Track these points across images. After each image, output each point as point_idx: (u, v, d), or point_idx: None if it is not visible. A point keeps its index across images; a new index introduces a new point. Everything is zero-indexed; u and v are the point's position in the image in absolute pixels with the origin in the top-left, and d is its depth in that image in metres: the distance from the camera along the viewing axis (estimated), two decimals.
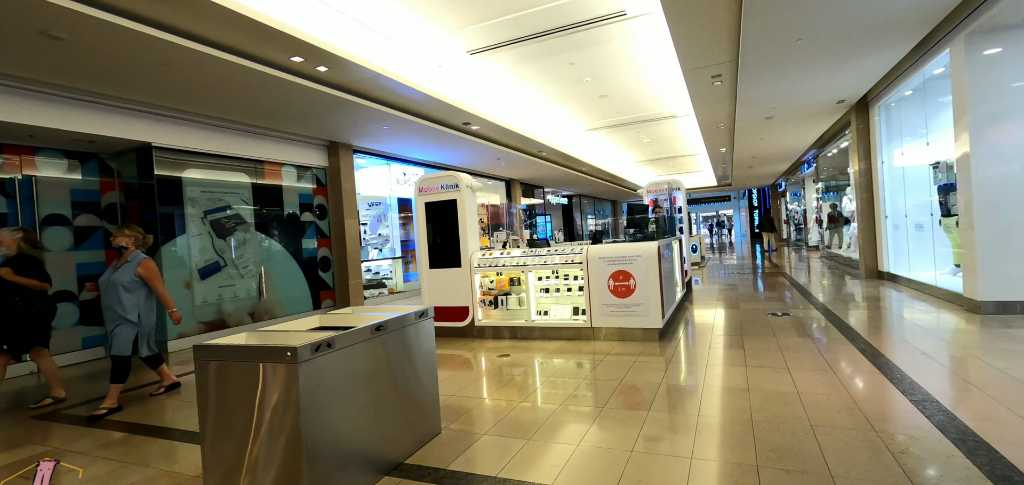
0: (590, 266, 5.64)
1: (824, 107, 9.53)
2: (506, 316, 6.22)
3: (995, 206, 5.54)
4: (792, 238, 23.65)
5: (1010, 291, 5.51)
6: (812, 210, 18.08)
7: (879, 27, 5.80)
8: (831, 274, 10.63)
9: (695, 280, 11.34)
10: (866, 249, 9.36)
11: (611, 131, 13.87)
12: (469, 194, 6.40)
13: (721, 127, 11.38)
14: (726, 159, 16.78)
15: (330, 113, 7.75)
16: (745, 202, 35.03)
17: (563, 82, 9.31)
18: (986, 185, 5.57)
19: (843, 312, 6.37)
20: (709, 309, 7.29)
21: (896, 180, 8.72)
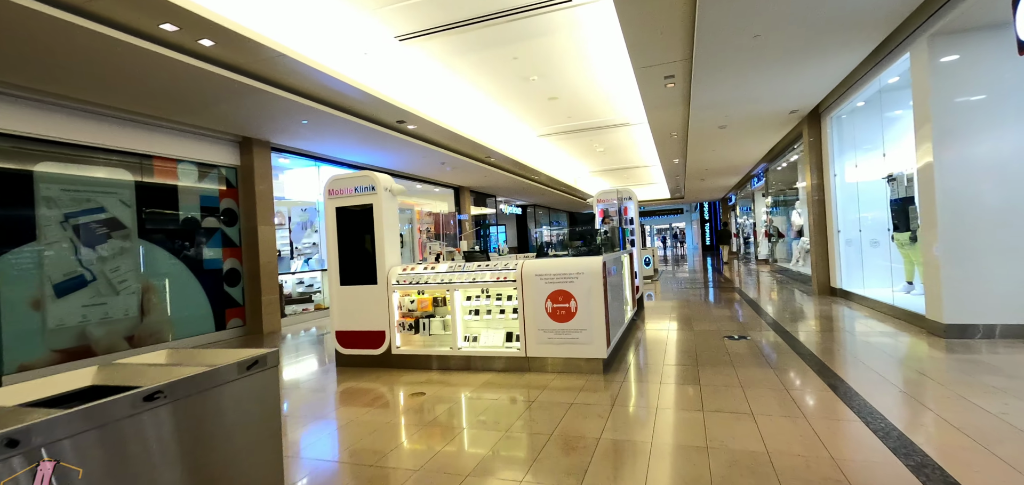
0: (525, 285, 4.81)
1: (777, 117, 9.21)
2: (428, 342, 5.28)
3: (961, 224, 5.13)
4: (742, 252, 23.90)
5: (975, 314, 5.09)
6: (761, 224, 18.14)
7: (840, 23, 5.33)
8: (783, 290, 10.30)
9: (648, 295, 10.77)
10: (818, 265, 9.05)
11: (563, 138, 13.25)
12: (388, 198, 5.45)
13: (674, 136, 10.94)
14: (679, 171, 16.53)
15: (233, 102, 6.61)
16: (697, 215, 35.54)
17: (508, 80, 8.53)
18: (951, 201, 5.16)
19: (803, 336, 5.82)
20: (661, 330, 6.62)
21: (849, 194, 8.43)
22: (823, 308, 7.64)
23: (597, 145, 14.34)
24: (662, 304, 9.13)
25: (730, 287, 11.55)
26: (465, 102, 9.53)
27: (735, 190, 23.32)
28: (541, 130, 12.29)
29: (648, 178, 21.82)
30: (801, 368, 4.44)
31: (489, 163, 13.15)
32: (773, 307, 8.08)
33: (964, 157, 5.13)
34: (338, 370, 5.40)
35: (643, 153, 15.65)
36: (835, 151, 8.55)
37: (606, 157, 16.44)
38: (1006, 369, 4.04)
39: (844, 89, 7.51)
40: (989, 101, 5.06)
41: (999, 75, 5.03)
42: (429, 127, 9.07)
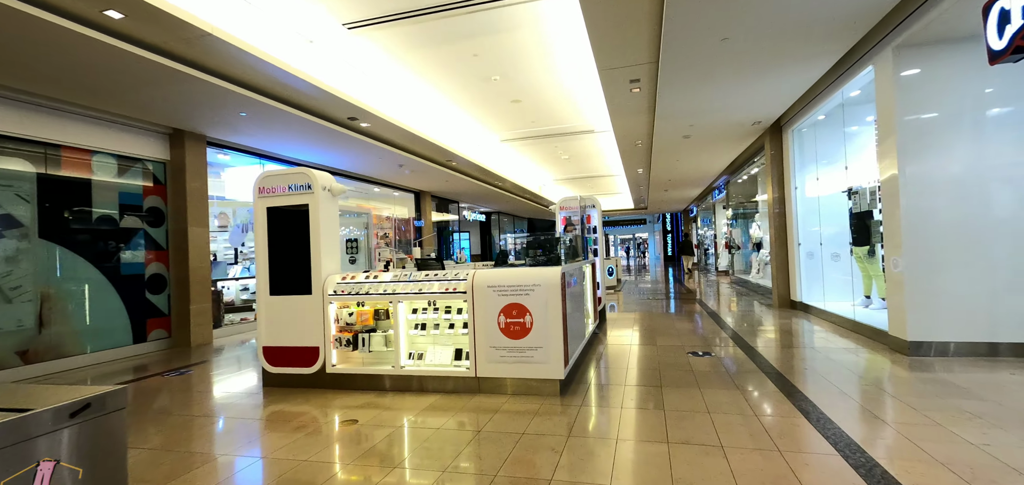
0: (476, 298, 4.34)
1: (740, 128, 9.12)
2: (368, 360, 4.73)
3: (924, 239, 5.01)
4: (703, 262, 24.20)
5: (937, 331, 4.97)
6: (722, 236, 18.32)
7: (807, 29, 5.15)
8: (743, 302, 10.22)
9: (611, 306, 10.49)
10: (779, 277, 8.98)
11: (527, 144, 12.90)
12: (327, 199, 4.88)
13: (639, 145, 10.75)
14: (643, 181, 16.48)
15: (159, 89, 5.90)
16: (660, 226, 36.01)
17: (468, 79, 8.09)
18: (915, 215, 5.03)
19: (767, 353, 5.58)
20: (623, 344, 6.28)
21: (809, 207, 8.39)
22: (784, 322, 7.50)
23: (562, 152, 14.08)
24: (625, 316, 8.84)
25: (692, 299, 11.43)
26: (424, 101, 9.02)
27: (696, 202, 23.62)
28: (504, 135, 11.90)
29: (613, 188, 21.82)
30: (769, 390, 4.15)
31: (450, 167, 12.65)
32: (735, 320, 7.90)
33: (927, 171, 5.02)
34: (265, 391, 4.77)
35: (608, 162, 15.52)
36: (796, 164, 8.51)
37: (571, 165, 16.22)
38: (975, 390, 3.86)
39: (806, 102, 7.45)
40: (951, 116, 4.98)
41: (961, 90, 4.95)
42: (385, 126, 8.51)
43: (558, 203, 8.58)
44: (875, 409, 3.59)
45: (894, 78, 5.07)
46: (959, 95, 4.96)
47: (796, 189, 8.51)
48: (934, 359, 4.85)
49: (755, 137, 9.79)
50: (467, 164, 12.27)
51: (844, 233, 7.64)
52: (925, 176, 5.01)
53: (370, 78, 7.57)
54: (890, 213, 5.25)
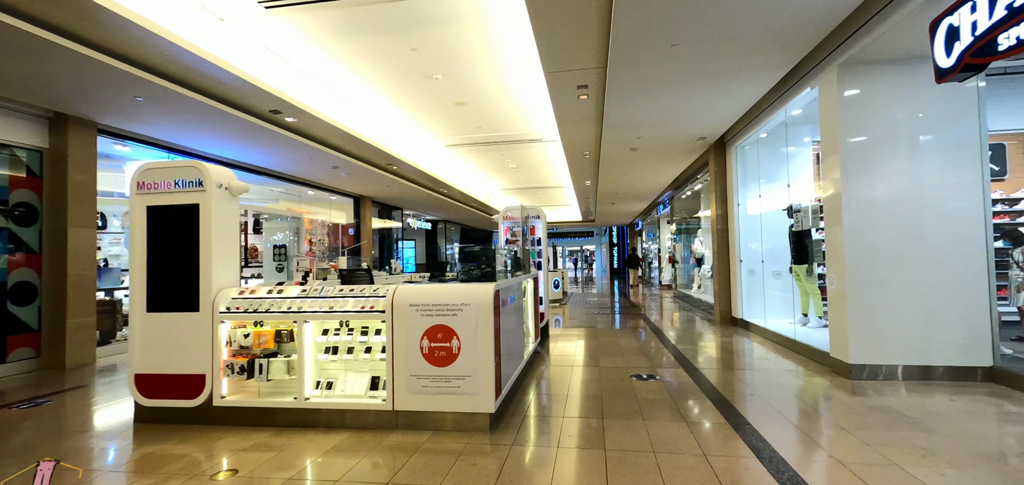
0: (396, 318, 3.74)
1: (686, 143, 9.04)
2: (267, 391, 4.00)
3: (867, 260, 4.91)
4: (646, 276, 24.55)
5: (879, 354, 4.87)
6: (665, 250, 18.56)
7: (758, 40, 4.96)
8: (686, 318, 10.14)
9: (555, 320, 10.11)
10: (721, 294, 8.92)
11: (473, 151, 12.38)
12: (223, 198, 4.13)
13: (587, 156, 10.50)
14: (591, 193, 16.39)
15: (30, 62, 4.92)
16: (606, 239, 36.49)
17: (408, 76, 7.48)
18: (857, 235, 4.93)
19: (713, 376, 5.32)
20: (565, 365, 5.85)
21: (752, 225, 8.38)
22: (727, 340, 7.36)
23: (509, 161, 13.67)
24: (569, 332, 8.46)
25: (636, 313, 11.27)
26: (359, 98, 8.31)
27: (642, 216, 23.97)
28: (449, 140, 11.32)
29: (561, 200, 21.70)
30: (718, 423, 3.81)
31: (391, 171, 11.92)
32: (679, 338, 7.70)
33: (870, 192, 4.94)
34: (136, 428, 3.93)
35: (557, 173, 15.27)
36: (739, 181, 8.50)
37: (519, 175, 15.86)
38: (923, 420, 3.69)
39: (750, 119, 7.40)
40: (892, 137, 4.93)
41: (902, 111, 4.92)
42: (315, 123, 7.73)
43: (501, 212, 8.11)
44: (828, 446, 3.31)
45: (838, 96, 4.98)
46: (900, 116, 4.92)
47: (738, 206, 8.49)
48: (875, 383, 4.73)
49: (700, 153, 9.78)
50: (409, 169, 11.59)
51: (785, 251, 7.63)
52: (867, 197, 4.93)
53: (296, 68, 6.81)
54: (833, 233, 5.14)
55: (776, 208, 7.77)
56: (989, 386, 4.52)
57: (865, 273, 4.89)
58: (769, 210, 7.88)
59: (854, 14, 4.47)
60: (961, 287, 4.72)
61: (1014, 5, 2.97)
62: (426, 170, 11.96)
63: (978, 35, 3.23)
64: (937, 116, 4.85)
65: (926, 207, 4.83)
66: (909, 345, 4.81)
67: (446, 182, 13.68)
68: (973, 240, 4.72)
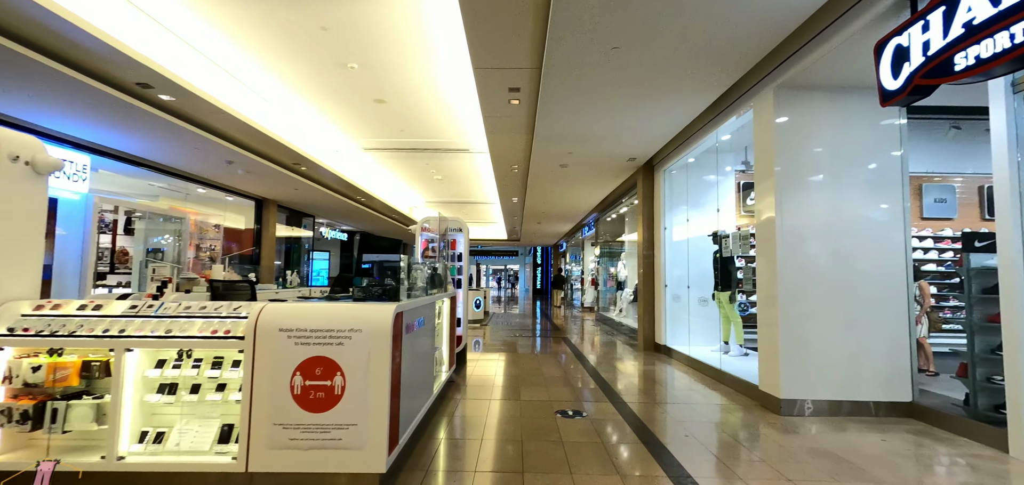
0: (260, 346, 2.81)
1: (616, 163, 8.79)
2: (60, 447, 2.87)
3: (800, 290, 4.70)
4: (569, 297, 24.56)
5: (810, 388, 4.64)
6: (589, 272, 18.55)
7: (698, 56, 4.65)
8: (609, 344, 9.82)
9: (475, 342, 9.36)
10: (645, 319, 8.68)
11: (394, 157, 11.40)
12: (17, 176, 2.97)
13: (515, 170, 9.97)
14: (518, 211, 15.95)
15: None
16: (531, 259, 36.46)
17: (317, 62, 6.47)
18: (791, 264, 4.72)
19: (643, 412, 4.83)
20: (482, 398, 5.11)
21: (678, 250, 8.23)
22: (653, 368, 7.02)
23: (434, 172, 12.82)
24: (489, 356, 7.74)
25: (559, 336, 10.81)
26: (259, 82, 7.14)
27: (567, 237, 24.03)
28: (366, 141, 10.28)
29: (488, 217, 21.12)
30: (655, 476, 3.25)
31: (300, 173, 10.63)
32: (603, 365, 7.25)
33: (802, 220, 4.76)
34: None
35: (484, 188, 14.64)
36: (667, 205, 8.35)
37: (444, 187, 15.02)
38: (868, 468, 3.38)
39: (680, 142, 7.24)
40: (826, 165, 4.81)
41: (835, 140, 4.82)
42: (200, 105, 6.46)
43: (419, 223, 7.27)
44: None
45: (773, 120, 4.79)
46: (831, 145, 4.81)
47: (665, 230, 8.33)
48: (806, 420, 4.47)
49: (629, 174, 9.60)
50: (321, 171, 10.38)
51: (711, 277, 7.50)
52: (800, 224, 4.75)
53: (174, 37, 5.60)
54: (765, 261, 4.90)
55: (702, 233, 7.66)
56: (911, 422, 4.41)
57: (797, 304, 4.68)
58: (696, 235, 7.76)
59: (796, 33, 4.28)
60: (885, 321, 4.64)
61: (973, 23, 2.76)
62: (341, 174, 10.81)
63: (931, 55, 3.01)
64: (864, 149, 4.80)
65: (854, 238, 4.73)
66: (838, 379, 4.63)
67: (364, 189, 12.54)
68: (895, 274, 4.67)
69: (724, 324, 7.47)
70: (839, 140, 4.80)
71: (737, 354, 7.11)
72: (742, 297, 7.52)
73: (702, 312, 7.71)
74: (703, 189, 7.92)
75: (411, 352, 3.52)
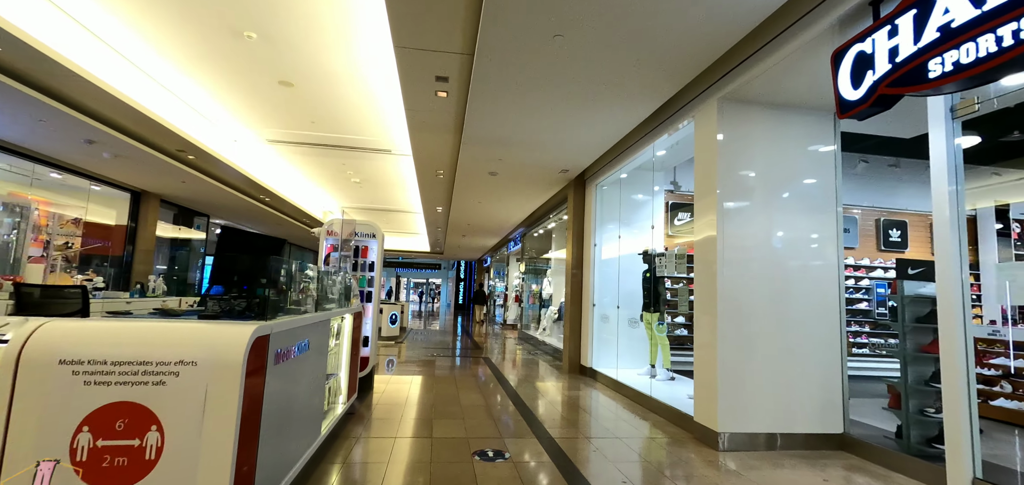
0: (25, 387, 1.81)
1: (548, 174, 8.31)
2: None
3: (740, 313, 4.38)
4: (491, 313, 23.92)
5: (746, 420, 4.31)
6: (513, 289, 18.05)
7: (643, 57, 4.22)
8: (532, 363, 9.26)
9: (388, 362, 8.36)
10: (571, 339, 8.21)
11: (304, 153, 10.12)
12: None
13: (441, 176, 9.19)
14: (442, 222, 15.10)
15: None
16: (454, 273, 35.45)
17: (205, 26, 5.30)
18: (732, 286, 4.40)
19: (572, 448, 4.23)
20: (387, 434, 4.24)
21: (609, 268, 7.88)
22: (579, 394, 6.50)
23: (352, 173, 11.63)
24: (402, 378, 6.82)
25: (480, 355, 10.08)
26: (129, 46, 5.78)
27: (492, 252, 23.48)
28: (270, 132, 8.98)
29: (411, 227, 19.96)
30: None
31: (187, 163, 9.06)
32: (527, 390, 6.63)
33: (744, 239, 4.47)
34: None
35: (408, 195, 13.62)
36: (598, 221, 7.99)
37: (363, 192, 13.77)
38: None
39: (615, 155, 6.89)
40: (765, 184, 4.57)
41: (776, 159, 4.61)
42: (40, 61, 5.03)
43: (324, 225, 6.25)
44: None
45: (717, 132, 4.49)
46: (772, 165, 4.60)
47: (595, 247, 7.95)
48: (743, 455, 4.11)
49: (560, 187, 9.18)
50: (215, 163, 8.91)
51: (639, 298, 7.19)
52: (741, 244, 4.45)
53: None
54: (705, 282, 4.55)
55: (633, 252, 7.36)
56: (844, 456, 4.20)
57: (737, 330, 4.35)
58: (627, 253, 7.45)
59: (748, 38, 3.98)
60: (818, 349, 4.44)
61: (950, 26, 2.49)
62: (240, 167, 9.38)
63: (900, 61, 2.73)
64: (801, 170, 4.64)
65: (791, 262, 4.52)
66: (773, 410, 4.34)
67: (269, 188, 11.07)
68: (829, 301, 4.51)
69: (652, 347, 7.18)
70: (778, 159, 4.60)
71: (663, 378, 6.81)
72: (669, 318, 7.29)
73: (630, 334, 7.38)
74: (635, 206, 7.66)
75: (285, 385, 2.62)
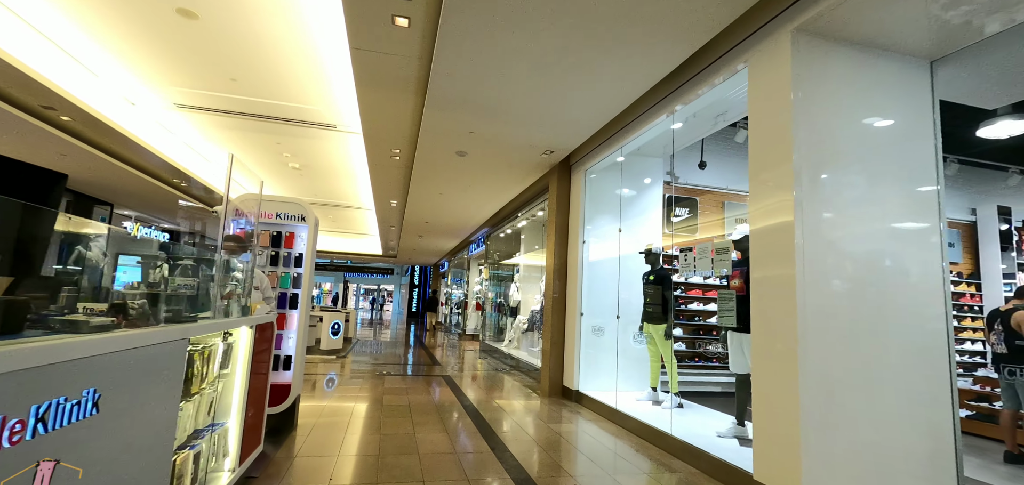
0: None
1: (528, 157, 6.83)
2: None
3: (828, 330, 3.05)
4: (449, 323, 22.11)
5: (834, 479, 2.98)
6: (473, 295, 16.42)
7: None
8: (502, 384, 7.72)
9: (328, 381, 6.58)
10: (552, 354, 6.74)
11: (226, 125, 8.11)
12: None
13: (397, 157, 7.52)
14: (396, 220, 13.30)
15: None
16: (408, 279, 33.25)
17: None
18: (816, 291, 3.06)
19: None
20: None
21: (600, 270, 6.50)
22: (571, 430, 5.03)
23: (290, 156, 9.66)
24: (339, 410, 5.09)
25: (439, 374, 8.43)
26: None
27: (450, 256, 21.74)
28: (179, 94, 6.98)
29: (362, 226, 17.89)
30: None
31: (60, 126, 6.90)
32: (503, 424, 5.08)
33: (828, 226, 3.16)
34: None
35: (358, 188, 11.72)
36: (586, 214, 6.59)
37: (305, 182, 11.70)
38: None
39: (614, 131, 5.53)
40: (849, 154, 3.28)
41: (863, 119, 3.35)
42: None
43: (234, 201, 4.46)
44: None
45: (790, 76, 3.17)
46: (859, 126, 3.33)
47: (583, 244, 6.55)
48: None
49: (539, 175, 7.73)
50: (102, 129, 6.81)
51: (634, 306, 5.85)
52: (828, 243, 3.14)
53: None
54: (777, 283, 3.20)
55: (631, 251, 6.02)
56: None
57: (825, 353, 3.02)
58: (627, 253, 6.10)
59: None
60: (922, 385, 3.19)
61: None
62: (139, 139, 7.31)
63: None
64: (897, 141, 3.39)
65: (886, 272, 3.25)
66: (868, 468, 3.03)
67: (184, 170, 8.95)
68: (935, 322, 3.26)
69: (653, 365, 5.84)
70: (865, 123, 3.35)
71: (670, 406, 5.47)
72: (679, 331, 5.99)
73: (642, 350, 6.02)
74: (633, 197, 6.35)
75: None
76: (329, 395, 5.94)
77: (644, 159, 6.40)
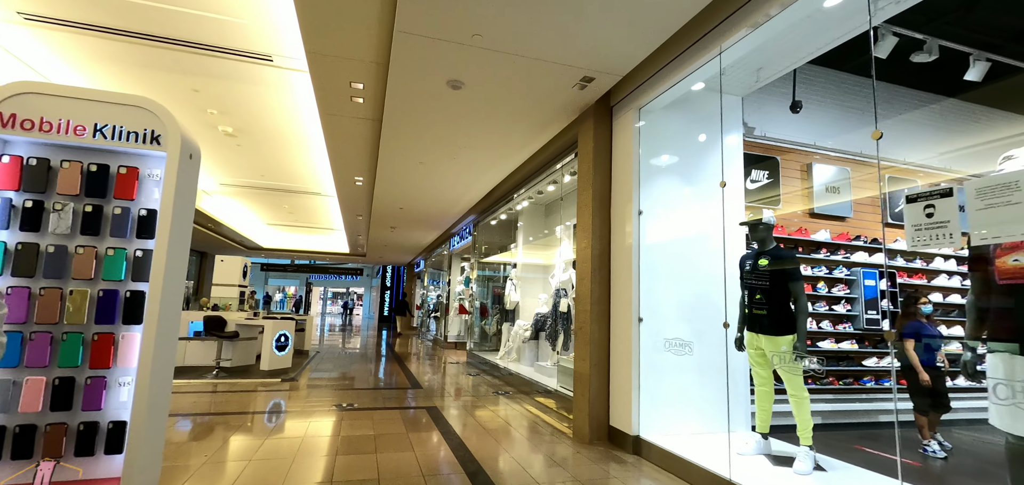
0: None
1: (554, 90, 4.62)
2: None
3: None
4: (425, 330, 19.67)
5: None
6: (456, 296, 14.11)
7: None
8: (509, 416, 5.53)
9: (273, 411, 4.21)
10: (594, 381, 4.56)
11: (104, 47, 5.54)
12: None
13: (361, 95, 5.19)
14: (363, 206, 10.88)
15: None
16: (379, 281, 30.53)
17: None
18: None
19: None
20: None
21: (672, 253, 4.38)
22: None
23: (216, 112, 7.12)
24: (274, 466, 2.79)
25: (419, 405, 6.14)
26: None
27: (426, 253, 19.36)
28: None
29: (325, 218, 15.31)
30: None
31: None
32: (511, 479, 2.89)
33: None
34: None
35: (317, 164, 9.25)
36: (641, 174, 4.45)
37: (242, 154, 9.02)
38: None
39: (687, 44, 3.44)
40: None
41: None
42: None
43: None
44: None
45: None
46: None
47: (640, 215, 4.40)
48: None
49: (563, 124, 5.52)
50: None
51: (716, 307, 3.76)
52: None
53: None
54: None
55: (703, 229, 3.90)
56: None
57: None
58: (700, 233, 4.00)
59: None
60: None
61: None
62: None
63: None
64: None
65: None
66: None
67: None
68: None
69: (762, 400, 3.75)
70: None
71: (805, 470, 3.38)
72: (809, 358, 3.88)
73: (738, 374, 3.92)
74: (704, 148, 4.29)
75: None
76: (275, 425, 3.58)
77: (711, 98, 4.32)
